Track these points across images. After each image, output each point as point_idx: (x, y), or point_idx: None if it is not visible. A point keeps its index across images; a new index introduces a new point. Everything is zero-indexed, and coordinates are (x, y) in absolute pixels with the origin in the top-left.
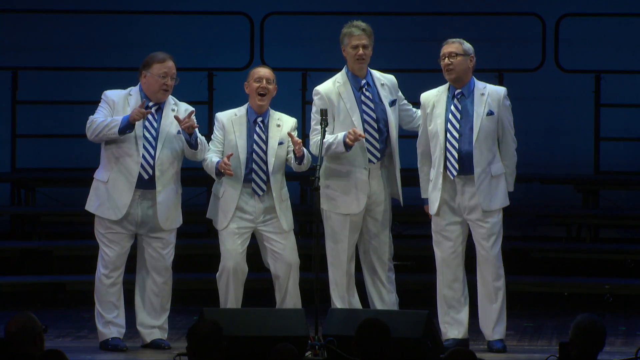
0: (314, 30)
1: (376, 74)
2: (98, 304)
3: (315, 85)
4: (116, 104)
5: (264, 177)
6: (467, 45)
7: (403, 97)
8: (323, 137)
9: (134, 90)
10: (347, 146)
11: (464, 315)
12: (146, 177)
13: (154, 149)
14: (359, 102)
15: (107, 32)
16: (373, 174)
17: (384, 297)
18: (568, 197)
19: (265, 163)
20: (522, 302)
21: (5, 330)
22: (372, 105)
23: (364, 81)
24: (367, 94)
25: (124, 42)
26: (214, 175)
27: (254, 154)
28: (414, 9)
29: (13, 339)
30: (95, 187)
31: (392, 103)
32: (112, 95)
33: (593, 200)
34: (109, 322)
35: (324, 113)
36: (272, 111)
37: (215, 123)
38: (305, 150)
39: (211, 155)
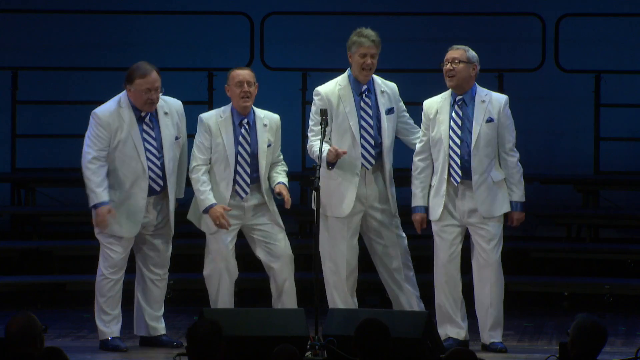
0: (314, 30)
1: (378, 80)
2: (102, 301)
3: (315, 86)
4: (111, 126)
5: (247, 180)
6: (472, 54)
7: (404, 108)
8: (323, 136)
9: (124, 102)
10: (329, 164)
11: (462, 317)
12: (158, 189)
13: (160, 158)
14: (358, 108)
15: (107, 32)
16: (368, 179)
17: (401, 297)
18: (568, 197)
19: (249, 165)
20: (522, 302)
21: (6, 330)
22: (370, 112)
23: (364, 87)
24: (367, 100)
25: (124, 42)
26: (200, 208)
27: (238, 156)
28: (413, 9)
29: (13, 339)
30: None
31: (389, 111)
32: (105, 116)
33: (593, 200)
34: (112, 319)
35: (324, 113)
36: (256, 110)
37: (200, 127)
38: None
39: (204, 180)
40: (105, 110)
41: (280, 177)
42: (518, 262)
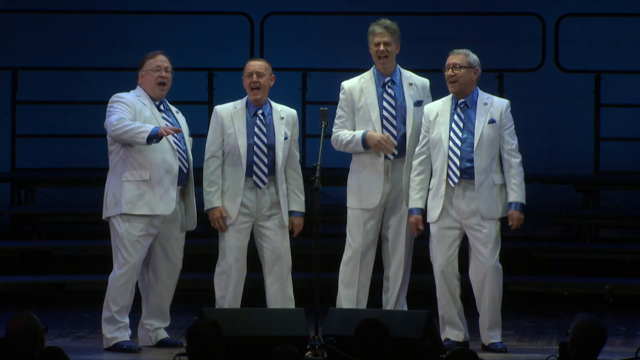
0: (314, 30)
1: (406, 73)
2: (115, 309)
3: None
4: (135, 105)
5: (266, 170)
6: (473, 57)
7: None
8: (323, 137)
9: (139, 91)
10: (366, 146)
11: (460, 319)
12: (185, 170)
13: (184, 144)
14: (380, 99)
15: (107, 32)
16: (393, 170)
17: (389, 294)
18: (568, 197)
19: (266, 155)
20: (522, 302)
21: (7, 330)
22: (392, 103)
23: (387, 78)
24: (390, 91)
25: (124, 42)
26: (205, 206)
27: (254, 147)
28: (413, 9)
29: (14, 339)
30: (129, 189)
31: (418, 103)
32: (127, 96)
33: (593, 200)
34: (123, 326)
35: (323, 114)
36: (273, 103)
37: (213, 118)
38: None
39: (212, 179)
40: (125, 93)
41: (295, 203)
42: (518, 262)
